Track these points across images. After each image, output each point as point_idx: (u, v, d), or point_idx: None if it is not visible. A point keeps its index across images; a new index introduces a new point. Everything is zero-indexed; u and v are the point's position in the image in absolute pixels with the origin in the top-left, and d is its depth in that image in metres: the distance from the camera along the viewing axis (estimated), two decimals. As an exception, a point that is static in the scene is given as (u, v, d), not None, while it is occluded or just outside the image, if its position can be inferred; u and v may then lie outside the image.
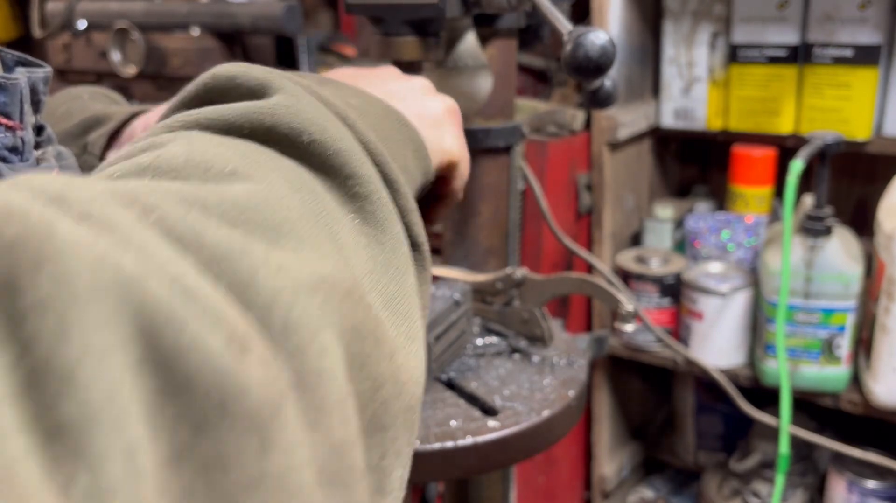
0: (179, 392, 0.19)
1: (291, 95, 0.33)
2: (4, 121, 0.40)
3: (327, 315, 0.25)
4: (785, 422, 1.10)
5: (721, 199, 1.58)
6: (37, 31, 1.44)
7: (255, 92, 0.34)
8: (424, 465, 0.62)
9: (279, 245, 0.26)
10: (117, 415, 0.18)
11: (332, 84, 0.41)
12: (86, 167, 0.62)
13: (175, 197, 0.24)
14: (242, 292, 0.22)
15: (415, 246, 0.37)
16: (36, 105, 0.44)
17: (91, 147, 0.64)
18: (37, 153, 0.44)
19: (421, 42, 0.68)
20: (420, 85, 0.51)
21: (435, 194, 0.52)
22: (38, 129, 0.45)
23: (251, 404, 0.20)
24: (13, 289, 0.17)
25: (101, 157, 0.64)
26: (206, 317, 0.20)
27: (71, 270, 0.18)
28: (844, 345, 1.22)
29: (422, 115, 0.47)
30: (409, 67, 0.68)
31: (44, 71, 0.45)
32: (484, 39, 0.77)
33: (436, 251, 1.28)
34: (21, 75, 0.42)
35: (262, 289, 0.23)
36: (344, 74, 0.48)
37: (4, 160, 0.39)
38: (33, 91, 0.43)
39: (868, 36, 1.25)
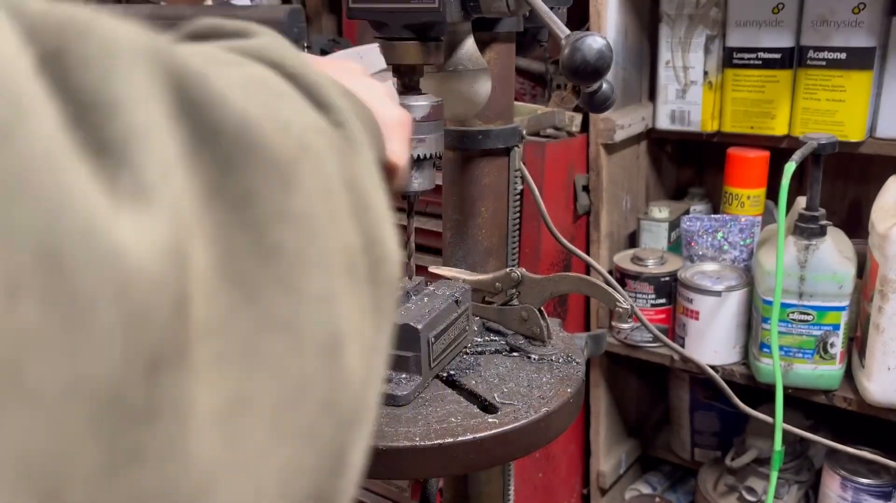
0: (209, 137, 0.22)
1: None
2: None
3: (358, 115, 0.29)
4: (779, 420, 1.11)
5: (716, 201, 1.59)
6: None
7: (240, 33, 0.36)
8: (425, 461, 0.63)
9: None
10: (155, 138, 0.20)
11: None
12: None
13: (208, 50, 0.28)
14: (289, 74, 0.27)
15: None
16: None
17: None
18: None
19: (421, 46, 0.69)
20: (383, 89, 0.52)
21: None
22: None
23: (273, 150, 0.23)
24: (62, 52, 0.19)
25: None
26: (234, 79, 0.23)
27: (112, 37, 0.20)
28: (838, 344, 1.23)
29: (379, 116, 0.48)
30: (410, 71, 0.70)
31: None
32: (483, 44, 0.78)
33: (436, 251, 1.30)
34: None
35: (309, 76, 0.28)
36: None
37: None
38: None
39: (862, 39, 1.26)
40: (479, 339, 0.80)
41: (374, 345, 0.29)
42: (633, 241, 1.57)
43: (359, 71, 0.52)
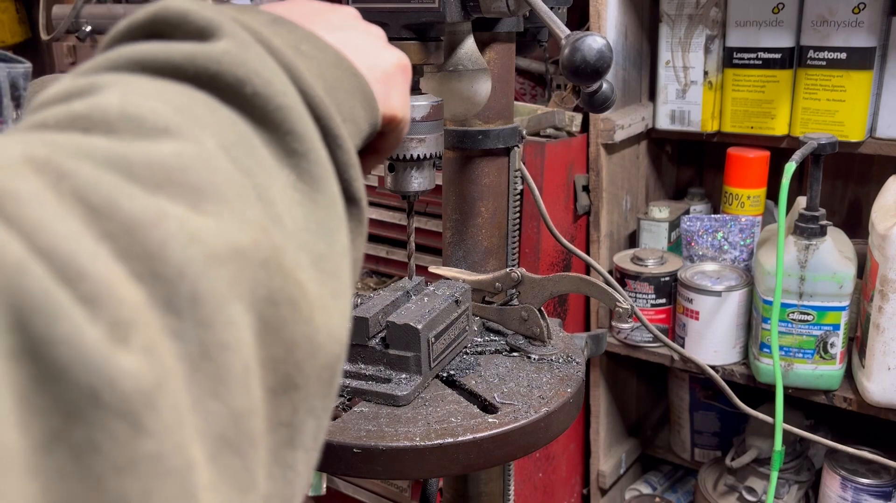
0: (52, 381, 0.20)
1: (240, 43, 0.33)
2: None
3: (238, 285, 0.25)
4: (779, 420, 1.11)
5: (716, 201, 1.59)
6: (43, 35, 1.46)
7: (203, 33, 0.33)
8: (425, 461, 0.63)
9: (200, 209, 0.25)
10: None
11: (285, 26, 0.40)
12: None
13: (99, 157, 0.24)
14: (151, 263, 0.23)
15: (353, 201, 0.36)
16: (16, 100, 0.44)
17: None
18: None
19: (422, 46, 0.69)
20: (377, 34, 0.50)
21: (369, 147, 0.50)
22: None
23: (122, 393, 0.21)
24: None
25: None
26: (87, 304, 0.20)
27: None
28: (838, 344, 1.23)
29: (374, 67, 0.45)
30: (411, 70, 0.70)
31: (23, 67, 0.45)
32: (483, 44, 0.78)
33: (436, 251, 1.30)
34: (2, 70, 0.42)
35: (171, 260, 0.23)
36: (303, 10, 0.46)
37: None
38: (14, 86, 0.43)
39: (862, 39, 1.26)
40: (479, 339, 0.80)
41: (275, 473, 0.28)
42: (633, 241, 1.57)
43: (351, 14, 0.49)
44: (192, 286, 0.23)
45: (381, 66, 0.46)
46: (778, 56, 1.34)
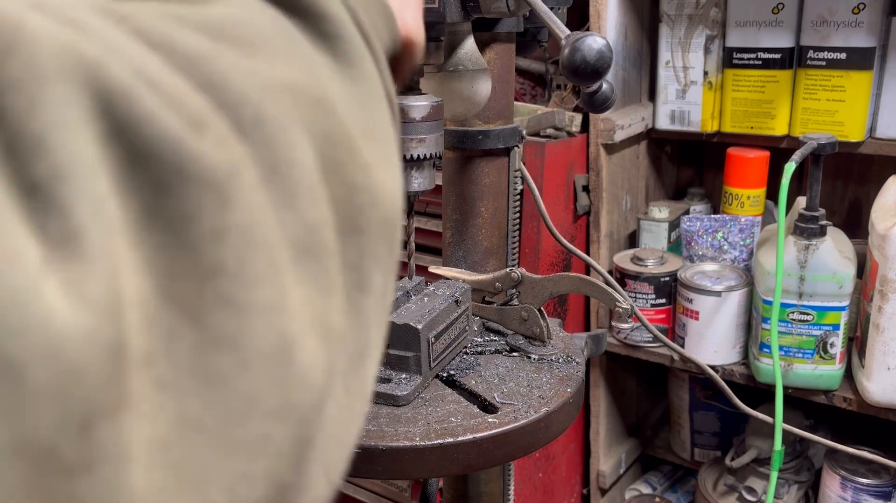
0: (142, 159, 0.21)
1: None
2: None
3: (298, 114, 0.26)
4: (779, 420, 1.12)
5: (716, 201, 1.59)
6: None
7: None
8: (425, 461, 0.63)
9: (252, 55, 0.26)
10: (84, 174, 0.20)
11: None
12: None
13: (153, 13, 0.25)
14: (213, 89, 0.24)
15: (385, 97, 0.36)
16: None
17: None
18: None
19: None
20: None
21: None
22: None
23: (207, 167, 0.22)
24: None
25: None
26: (165, 99, 0.22)
27: (39, 54, 0.20)
28: (838, 344, 1.23)
29: None
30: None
31: None
32: (483, 44, 0.78)
33: (436, 251, 1.30)
34: None
35: (232, 87, 0.24)
36: None
37: None
38: None
39: (862, 39, 1.26)
40: (479, 339, 0.80)
41: (348, 310, 0.28)
42: (632, 241, 1.57)
43: None
44: (255, 109, 0.25)
45: None
46: (778, 56, 1.34)
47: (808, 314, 1.22)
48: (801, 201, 1.23)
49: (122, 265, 0.20)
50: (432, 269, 0.82)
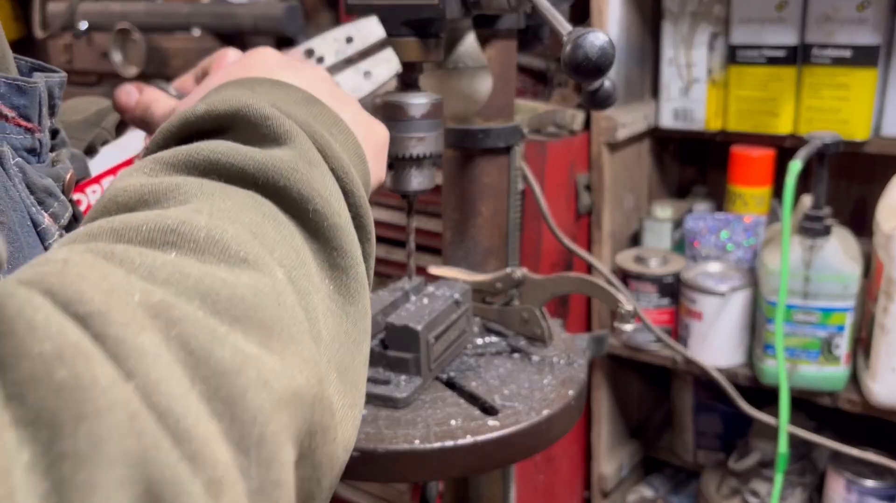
0: None
1: (305, 154, 0.38)
2: (24, 123, 0.41)
3: (292, 426, 0.31)
4: (784, 422, 1.10)
5: (720, 200, 1.58)
6: (38, 32, 1.45)
7: (277, 139, 0.38)
8: (424, 464, 0.62)
9: (269, 347, 0.30)
10: None
11: (317, 106, 0.45)
12: (99, 139, 0.65)
13: (192, 289, 0.29)
14: (232, 406, 0.28)
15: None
16: (51, 109, 0.45)
17: (105, 123, 0.66)
18: (52, 155, 0.45)
19: (421, 43, 0.68)
20: (358, 106, 0.53)
21: None
22: (53, 133, 0.46)
23: None
24: (56, 434, 0.22)
25: (115, 133, 0.67)
26: (191, 462, 0.25)
27: (104, 437, 0.23)
28: (843, 345, 1.22)
29: (367, 140, 0.49)
30: (410, 68, 0.69)
31: (59, 76, 0.46)
32: (484, 40, 0.77)
33: (436, 251, 1.29)
34: (40, 80, 0.43)
35: (248, 405, 0.28)
36: (309, 77, 0.49)
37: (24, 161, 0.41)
38: (49, 95, 0.45)
39: (867, 36, 1.25)
40: (480, 341, 0.79)
41: None
42: (635, 240, 1.56)
43: (325, 77, 0.53)
44: (260, 430, 0.28)
45: (374, 138, 0.51)
46: (782, 53, 1.33)
47: (812, 315, 1.21)
48: (807, 200, 1.22)
49: None
50: (432, 270, 0.81)
